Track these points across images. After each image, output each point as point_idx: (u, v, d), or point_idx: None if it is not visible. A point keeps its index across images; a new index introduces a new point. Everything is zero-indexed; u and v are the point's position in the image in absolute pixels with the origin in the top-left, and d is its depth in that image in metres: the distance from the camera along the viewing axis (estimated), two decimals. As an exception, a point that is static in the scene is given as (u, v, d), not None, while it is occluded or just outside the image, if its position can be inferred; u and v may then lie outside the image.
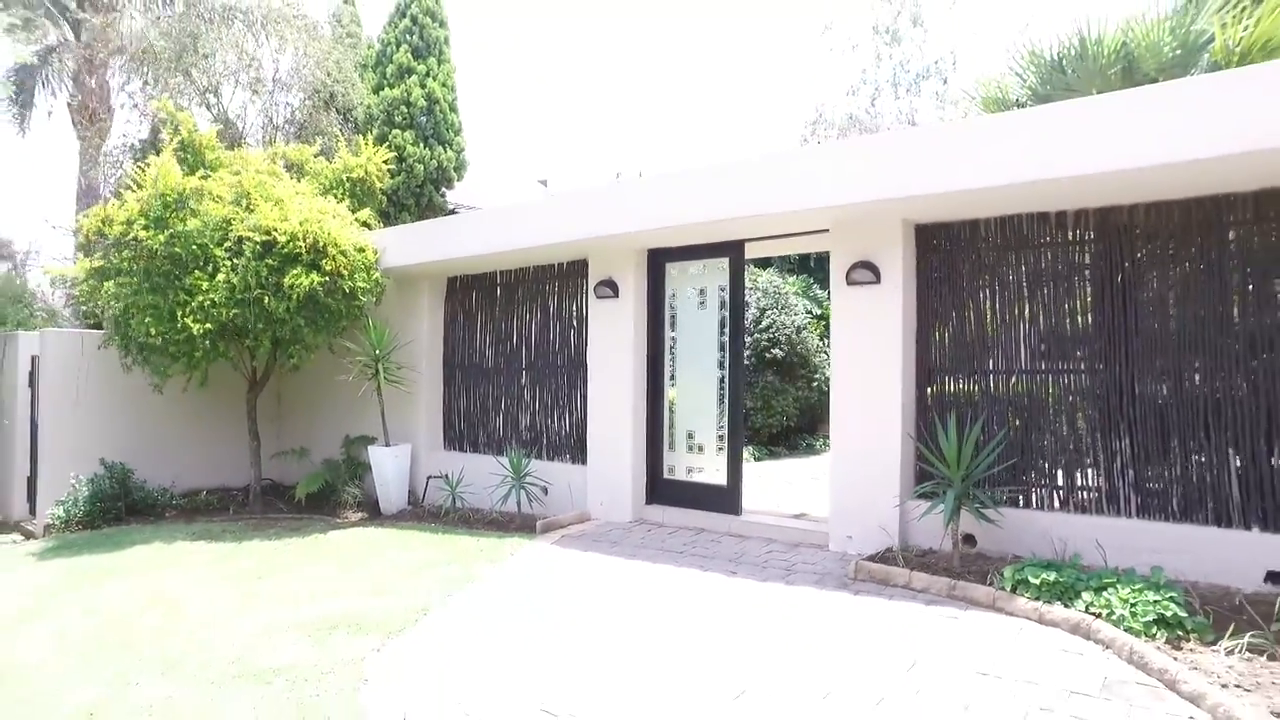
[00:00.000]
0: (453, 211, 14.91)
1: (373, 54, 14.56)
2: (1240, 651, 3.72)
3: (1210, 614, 4.12)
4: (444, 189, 14.03)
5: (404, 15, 14.26)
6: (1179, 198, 5.14)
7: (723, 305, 7.46)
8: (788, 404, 12.65)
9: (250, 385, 9.77)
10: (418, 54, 13.99)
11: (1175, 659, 3.68)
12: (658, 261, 7.73)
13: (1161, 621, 3.97)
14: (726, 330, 7.45)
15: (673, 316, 7.83)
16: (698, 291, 7.70)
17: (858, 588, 5.19)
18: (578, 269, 8.33)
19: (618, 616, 4.88)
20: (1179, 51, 6.04)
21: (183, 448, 10.48)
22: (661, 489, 7.63)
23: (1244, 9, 5.66)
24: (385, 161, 11.14)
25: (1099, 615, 4.15)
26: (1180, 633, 3.93)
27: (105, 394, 10.03)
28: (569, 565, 6.09)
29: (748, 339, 12.73)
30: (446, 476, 8.90)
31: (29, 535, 9.54)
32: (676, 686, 3.79)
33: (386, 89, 13.82)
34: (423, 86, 13.84)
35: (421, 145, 13.61)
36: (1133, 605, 4.09)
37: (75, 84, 15.16)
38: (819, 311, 14.10)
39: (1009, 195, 5.31)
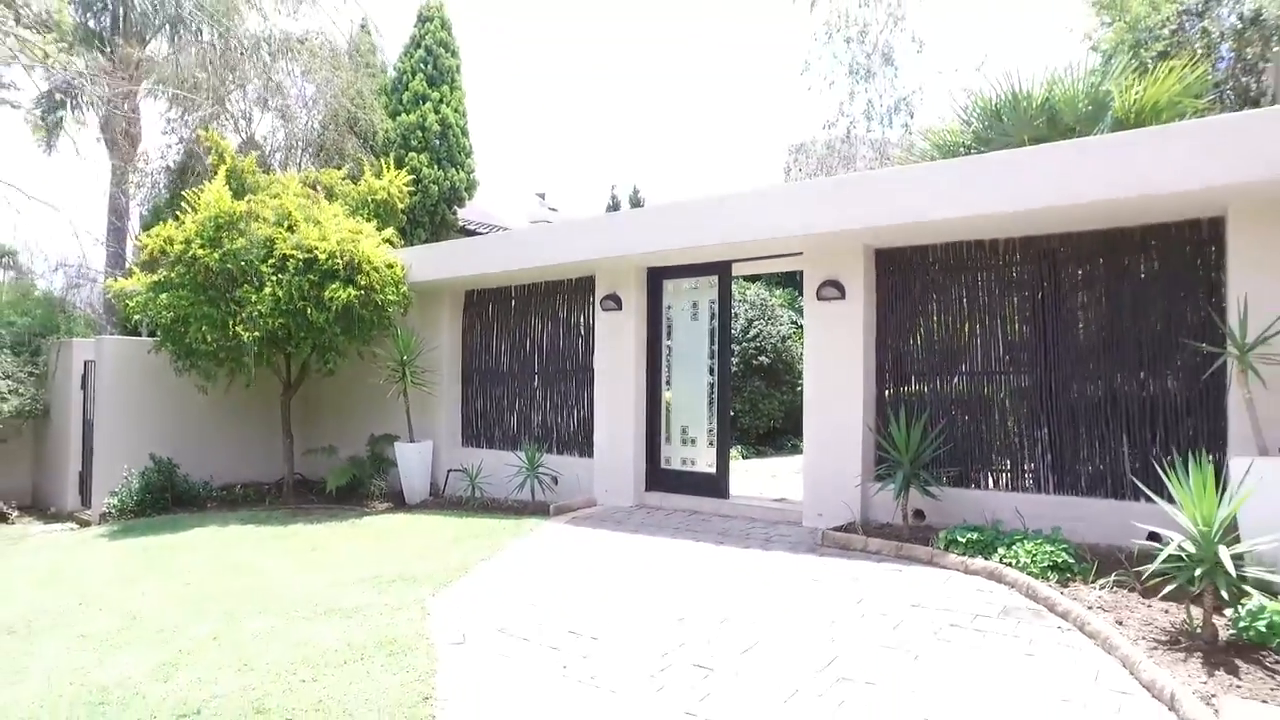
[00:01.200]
0: (463, 227, 16.00)
1: (389, 81, 15.67)
2: (1109, 587, 4.82)
3: (1097, 562, 5.22)
4: (456, 207, 15.12)
5: (419, 46, 15.38)
6: (1085, 230, 6.28)
7: (713, 317, 8.57)
8: (774, 407, 13.75)
9: (285, 388, 10.80)
10: (432, 82, 15.11)
11: (1061, 592, 4.76)
12: (656, 278, 8.83)
13: (1054, 566, 5.07)
14: (716, 339, 8.55)
15: (669, 327, 8.92)
16: (691, 305, 8.79)
17: (823, 552, 6.28)
18: (585, 284, 9.42)
19: (624, 571, 5.95)
20: (1090, 108, 7.19)
21: (219, 445, 11.49)
22: (659, 477, 8.70)
23: (1137, 77, 6.79)
24: (405, 184, 12.22)
25: (1009, 564, 5.25)
26: (1069, 574, 5.03)
27: (152, 395, 11.05)
28: (581, 538, 7.15)
29: (737, 347, 13.82)
30: (465, 469, 9.95)
31: (84, 524, 10.54)
32: (671, 616, 4.86)
33: (403, 114, 14.91)
34: (437, 112, 14.94)
35: (436, 167, 14.70)
36: (1034, 555, 5.19)
37: (107, 108, 16.19)
38: (802, 322, 15.21)
39: (950, 226, 6.44)
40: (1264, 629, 3.87)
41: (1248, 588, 4.03)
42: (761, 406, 13.61)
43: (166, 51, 16.30)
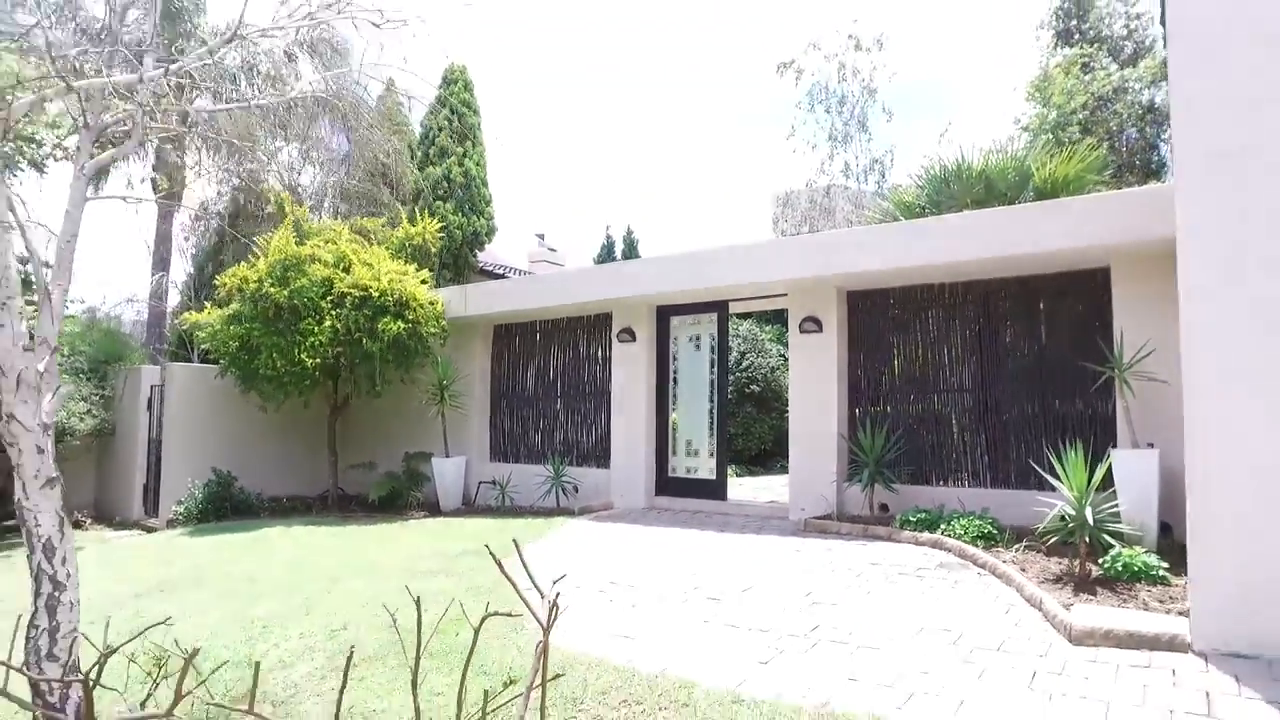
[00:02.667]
0: (483, 269, 17.59)
1: (415, 136, 17.38)
2: (1020, 549, 6.33)
3: (1016, 534, 6.73)
4: (476, 251, 16.74)
5: (444, 105, 17.10)
6: (1012, 276, 7.91)
7: (712, 349, 10.14)
8: (764, 430, 15.28)
9: (331, 409, 12.25)
10: (457, 138, 16.82)
11: (984, 552, 6.27)
12: (664, 315, 10.41)
13: (982, 535, 6.59)
14: (715, 367, 10.12)
15: (675, 356, 10.48)
16: (694, 338, 10.36)
17: (805, 534, 7.78)
18: (603, 320, 10.99)
19: (645, 548, 7.41)
20: (1017, 178, 8.88)
21: (270, 461, 12.88)
22: (667, 484, 10.18)
23: (1051, 155, 8.48)
24: (436, 231, 13.83)
25: (948, 535, 6.76)
26: (992, 541, 6.55)
27: (213, 416, 12.49)
28: (606, 529, 8.61)
29: (731, 376, 15.37)
30: (495, 481, 11.40)
31: (150, 529, 11.87)
32: (687, 572, 6.33)
33: (430, 167, 16.58)
34: (460, 165, 16.62)
35: (460, 215, 16.33)
36: (966, 529, 6.71)
37: (157, 157, 17.81)
38: (788, 355, 16.81)
39: (904, 273, 8.07)
40: (1120, 568, 5.38)
41: (1108, 538, 5.56)
42: (753, 430, 15.13)
43: (211, 106, 18.02)
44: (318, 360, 10.57)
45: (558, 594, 3.06)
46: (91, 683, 2.85)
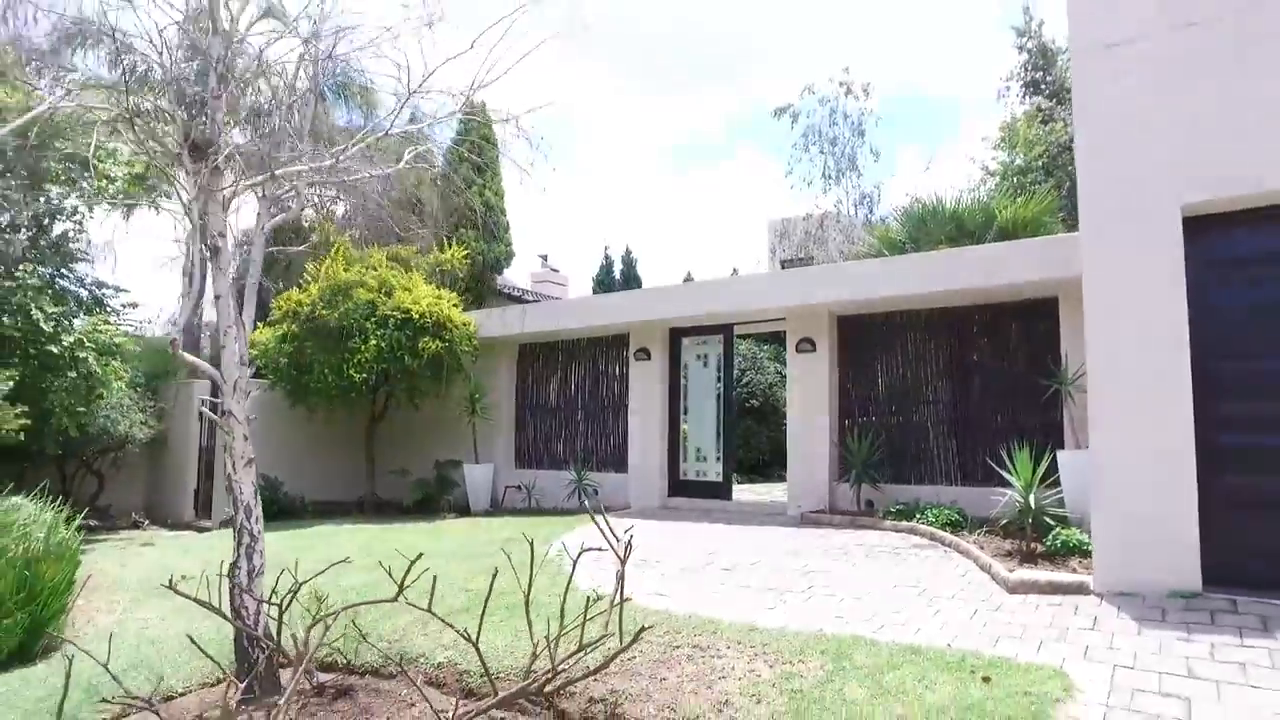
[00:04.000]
0: (502, 290, 18.88)
1: (439, 169, 18.71)
2: (982, 533, 7.58)
3: (979, 522, 7.98)
4: (495, 274, 18.04)
5: (465, 140, 18.45)
6: (980, 304, 9.21)
7: (719, 367, 11.42)
8: (762, 442, 16.53)
9: (370, 420, 13.47)
10: (477, 170, 18.17)
11: (951, 534, 7.52)
12: (676, 337, 11.69)
13: (949, 523, 7.84)
14: (721, 383, 11.39)
15: (685, 373, 11.75)
16: (702, 357, 11.64)
17: (802, 525, 9.02)
18: (620, 340, 12.26)
19: (665, 536, 8.64)
20: (983, 219, 10.22)
21: (310, 468, 14.07)
22: (678, 486, 11.42)
23: (1013, 199, 9.84)
24: (463, 257, 15.12)
25: (922, 523, 8.01)
26: (959, 527, 7.80)
27: (260, 426, 13.60)
28: (627, 522, 9.79)
29: (733, 392, 16.63)
30: (520, 485, 12.61)
31: (203, 530, 13.01)
32: (703, 552, 7.56)
33: (454, 196, 17.92)
34: (481, 195, 17.96)
35: (481, 242, 17.65)
36: (938, 517, 7.97)
37: (195, 188, 19.06)
38: (784, 373, 18.09)
39: (886, 301, 9.36)
40: (1059, 544, 6.62)
41: (1050, 521, 6.82)
42: (752, 441, 16.37)
43: (241, 139, 19.34)
44: (365, 375, 11.80)
45: (631, 536, 4.34)
46: (284, 607, 4.10)
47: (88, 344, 10.66)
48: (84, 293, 12.24)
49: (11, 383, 9.11)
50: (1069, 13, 5.90)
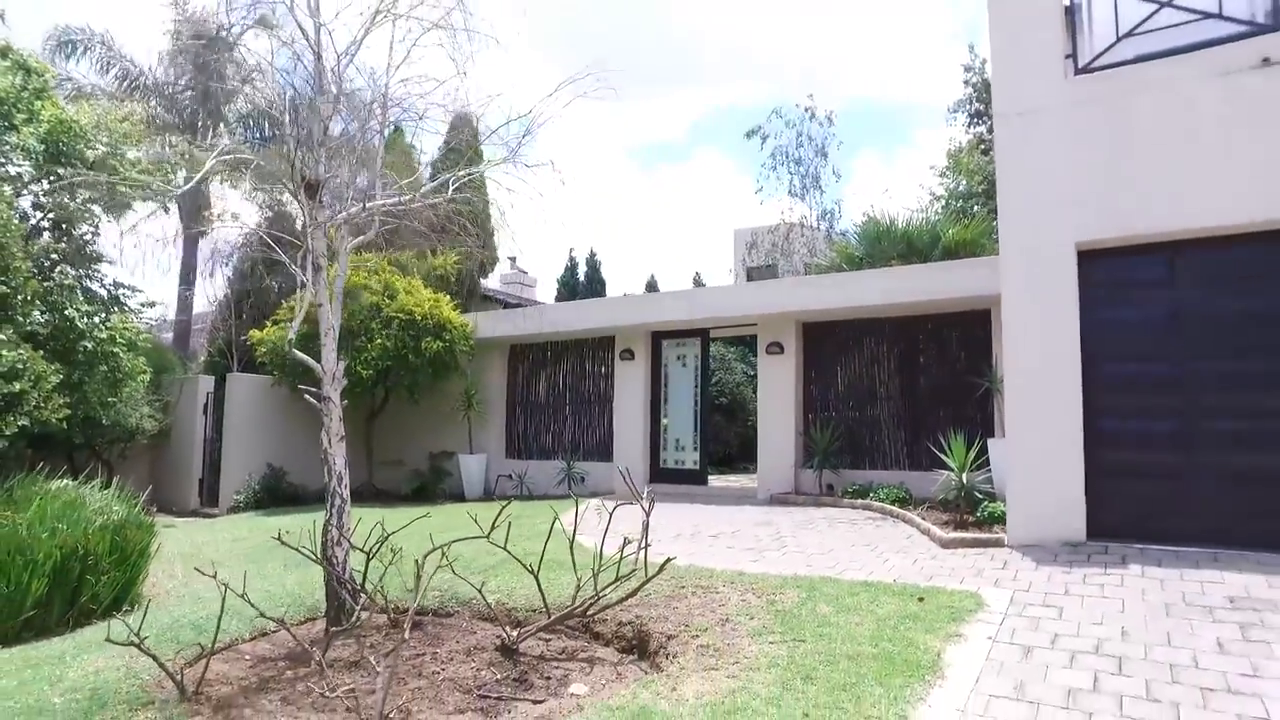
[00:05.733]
0: (487, 294, 19.94)
1: (424, 176, 19.69)
2: (925, 508, 8.97)
3: (923, 500, 9.36)
4: (482, 278, 19.10)
5: (453, 151, 19.45)
6: (926, 314, 10.63)
7: (696, 367, 12.71)
8: (731, 437, 17.86)
9: (370, 414, 14.48)
10: (469, 180, 19.19)
11: (899, 508, 8.89)
12: (658, 339, 12.95)
13: (898, 500, 9.23)
14: (698, 382, 12.67)
15: (666, 373, 13.01)
16: (681, 358, 12.91)
17: (771, 505, 10.34)
18: (606, 342, 13.47)
19: (652, 512, 9.87)
20: (929, 239, 11.68)
21: (311, 459, 14.90)
22: (659, 473, 12.67)
23: (956, 221, 11.29)
24: (455, 263, 16.19)
25: (875, 501, 9.39)
26: (906, 504, 9.18)
27: (265, 419, 14.59)
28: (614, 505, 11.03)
29: (702, 391, 17.95)
30: (512, 474, 13.75)
31: (210, 516, 13.88)
32: (689, 525, 8.82)
33: (443, 205, 18.90)
34: (469, 204, 18.98)
35: (469, 248, 18.65)
36: (888, 496, 9.35)
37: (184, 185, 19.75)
38: (752, 373, 19.46)
39: (846, 310, 10.74)
40: (986, 515, 8.00)
41: (980, 496, 8.23)
42: (721, 436, 17.69)
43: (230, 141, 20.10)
44: (371, 372, 12.83)
45: (653, 497, 5.61)
46: (371, 555, 5.25)
47: (119, 340, 11.54)
48: (104, 293, 13.03)
49: (60, 376, 9.99)
50: (993, 82, 7.32)
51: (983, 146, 14.21)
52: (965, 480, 8.18)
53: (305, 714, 4.44)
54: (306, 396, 6.07)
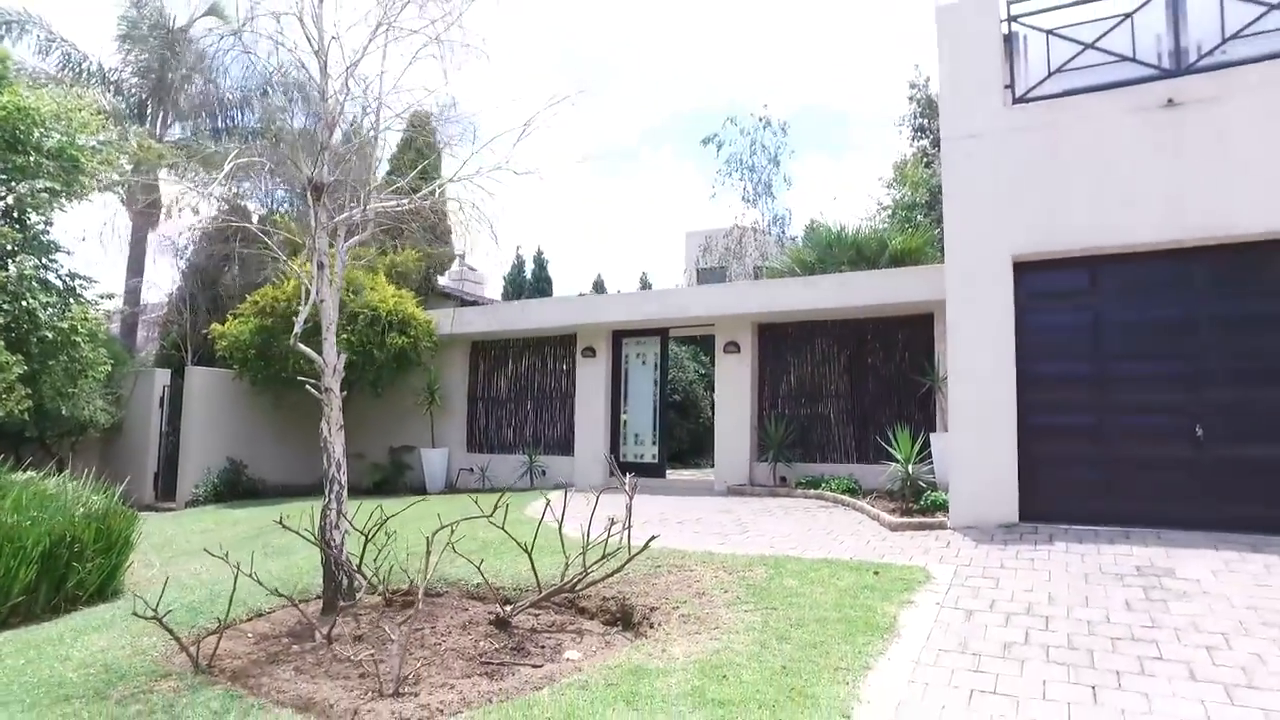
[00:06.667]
0: (445, 291, 20.12)
1: (383, 174, 19.79)
2: (873, 498, 9.67)
3: (871, 490, 10.07)
4: (440, 276, 19.29)
5: (410, 148, 19.62)
6: (874, 316, 11.37)
7: (656, 365, 13.24)
8: (684, 433, 18.46)
9: (331, 409, 14.58)
10: (423, 176, 19.34)
11: (849, 497, 9.57)
12: (619, 337, 13.44)
13: (848, 490, 9.92)
14: (657, 379, 13.21)
15: (626, 370, 13.51)
16: (641, 356, 13.43)
17: (728, 496, 10.95)
18: (569, 339, 13.90)
19: (614, 504, 10.37)
20: (878, 246, 12.46)
21: (270, 452, 15.03)
22: (620, 465, 13.14)
23: (902, 230, 12.09)
24: (415, 259, 16.39)
25: (826, 490, 10.06)
26: (855, 493, 9.87)
27: (223, 412, 14.59)
28: (580, 495, 11.51)
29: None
30: (473, 468, 14.07)
31: (169, 510, 13.83)
32: (655, 514, 9.34)
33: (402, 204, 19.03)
34: (425, 201, 19.16)
35: (427, 244, 18.85)
36: (837, 485, 10.04)
37: (127, 177, 19.42)
38: (703, 371, 20.11)
39: (798, 312, 11.41)
40: (930, 503, 8.71)
41: (923, 486, 8.95)
42: (675, 433, 18.24)
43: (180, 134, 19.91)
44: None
45: (636, 483, 6.10)
46: (369, 538, 5.64)
47: (80, 330, 11.49)
48: (60, 283, 12.89)
49: (23, 367, 9.97)
50: (941, 108, 8.03)
51: (926, 159, 15.12)
52: (910, 471, 8.90)
53: (320, 682, 4.80)
54: (308, 388, 6.37)
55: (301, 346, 6.21)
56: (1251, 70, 6.74)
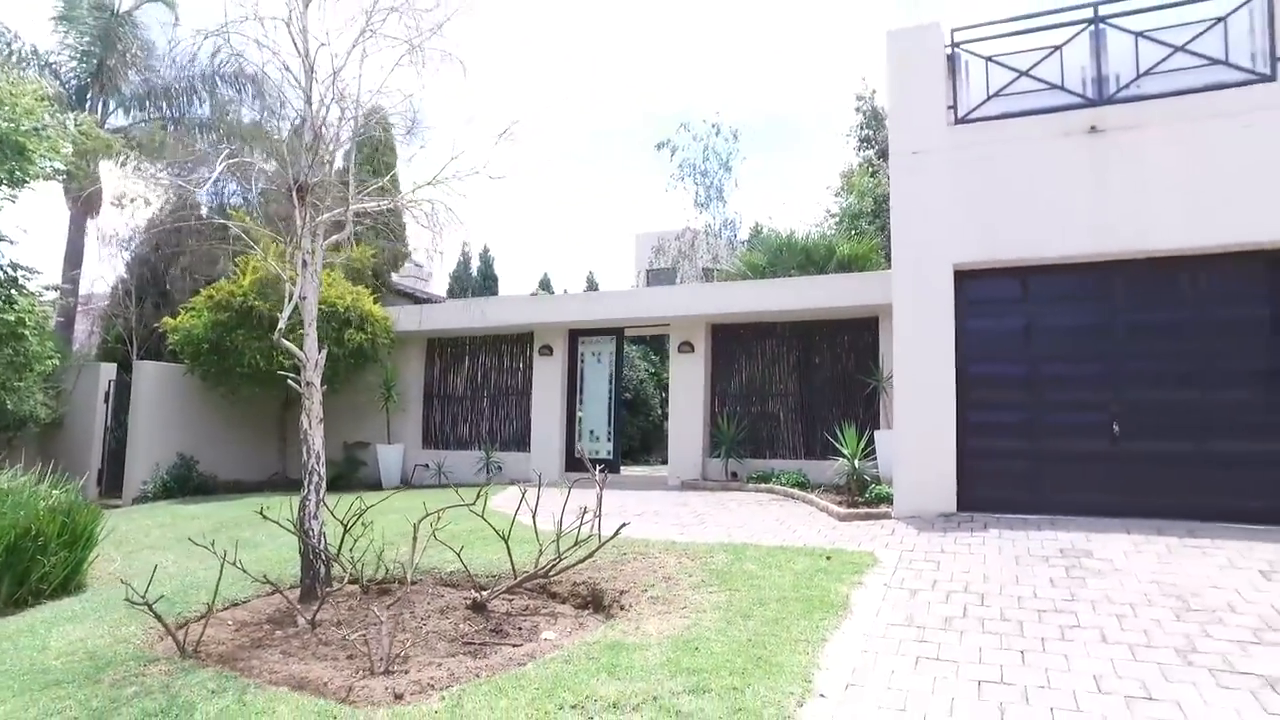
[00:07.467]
0: (398, 288, 20.09)
1: (337, 170, 19.70)
2: (821, 491, 10.20)
3: (819, 484, 10.60)
4: (393, 273, 19.29)
5: (365, 144, 19.54)
6: (822, 319, 11.93)
7: (611, 363, 13.60)
8: (634, 430, 18.86)
9: (285, 404, 14.58)
10: (376, 173, 19.31)
11: (799, 491, 10.08)
12: (575, 336, 13.74)
13: (797, 484, 10.44)
14: (612, 378, 13.57)
15: (582, 368, 13.83)
16: (597, 354, 13.76)
17: (683, 490, 11.37)
18: (525, 337, 14.15)
19: (573, 498, 10.71)
20: (826, 252, 13.07)
21: (221, 449, 14.85)
22: (574, 462, 13.47)
23: (850, 237, 12.73)
24: (370, 257, 16.40)
25: (777, 485, 10.56)
26: (804, 487, 10.39)
27: (175, 408, 14.40)
28: (534, 491, 11.79)
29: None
30: (429, 464, 14.21)
31: (114, 506, 13.58)
32: (616, 507, 9.69)
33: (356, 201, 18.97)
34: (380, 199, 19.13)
35: (382, 241, 18.83)
36: (787, 480, 10.55)
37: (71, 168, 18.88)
38: (653, 370, 20.55)
39: (750, 314, 11.90)
40: (874, 496, 9.26)
41: (868, 480, 9.51)
42: (626, 430, 18.64)
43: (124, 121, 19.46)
44: (293, 362, 12.96)
45: (606, 475, 6.46)
46: (348, 527, 5.88)
47: (28, 322, 11.27)
48: (1, 274, 12.57)
49: (-29, 360, 9.78)
50: (889, 124, 8.58)
51: (871, 169, 15.83)
52: (856, 466, 9.45)
53: (309, 663, 5.02)
54: (289, 382, 6.55)
55: (285, 342, 6.37)
56: (1164, 103, 7.45)
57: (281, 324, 6.36)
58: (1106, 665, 4.18)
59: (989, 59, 8.29)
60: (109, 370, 14.76)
